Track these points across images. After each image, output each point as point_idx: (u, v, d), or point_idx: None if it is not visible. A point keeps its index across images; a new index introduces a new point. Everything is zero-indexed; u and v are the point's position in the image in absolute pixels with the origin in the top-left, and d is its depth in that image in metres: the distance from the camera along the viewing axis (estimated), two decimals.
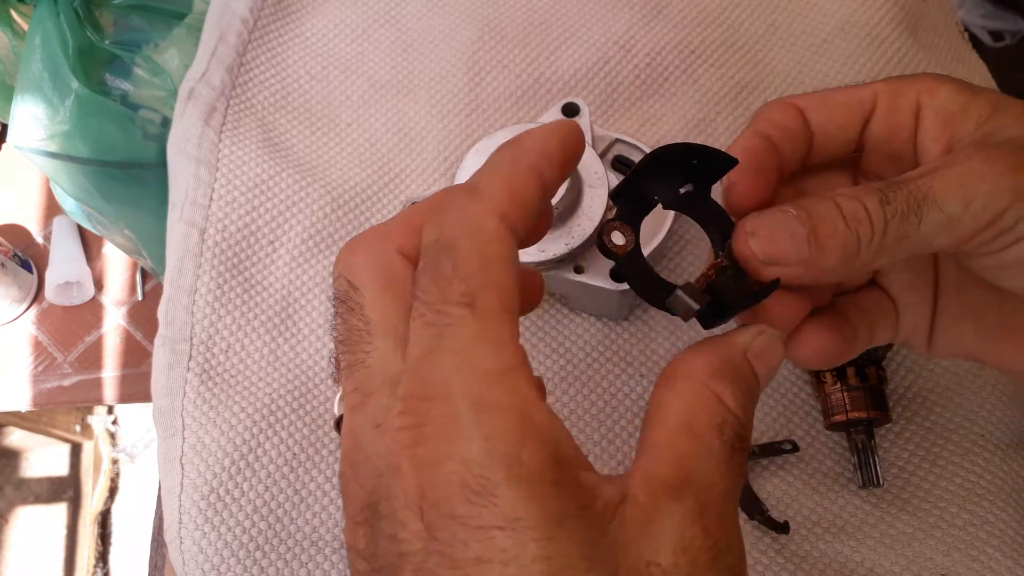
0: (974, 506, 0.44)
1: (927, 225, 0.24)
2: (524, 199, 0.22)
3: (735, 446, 0.22)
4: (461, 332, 0.20)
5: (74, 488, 1.39)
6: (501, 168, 0.22)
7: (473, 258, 0.20)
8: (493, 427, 0.18)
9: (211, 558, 0.43)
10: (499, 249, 0.21)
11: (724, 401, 0.22)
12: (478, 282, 0.20)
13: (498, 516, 0.18)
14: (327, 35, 0.59)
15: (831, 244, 0.24)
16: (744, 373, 0.24)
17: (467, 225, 0.21)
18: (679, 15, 0.59)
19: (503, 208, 0.21)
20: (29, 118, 0.68)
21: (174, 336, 0.48)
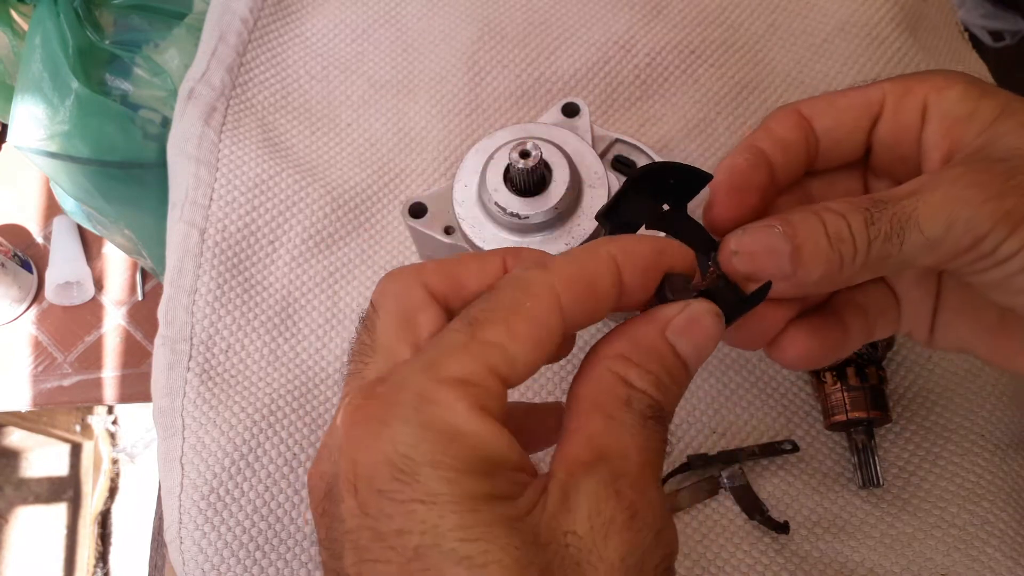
0: (974, 506, 0.44)
1: (909, 246, 0.25)
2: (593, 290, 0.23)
3: (647, 415, 0.22)
4: (447, 340, 0.22)
5: (74, 488, 1.39)
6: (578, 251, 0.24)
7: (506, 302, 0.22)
8: (429, 418, 0.20)
9: (211, 558, 0.43)
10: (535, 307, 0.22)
11: (629, 381, 0.23)
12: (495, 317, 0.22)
13: (419, 492, 0.19)
14: (327, 35, 0.59)
15: (814, 262, 0.25)
16: (656, 351, 0.24)
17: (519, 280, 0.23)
18: (679, 15, 0.59)
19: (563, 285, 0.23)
20: (29, 118, 0.68)
21: (174, 336, 0.48)
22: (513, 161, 0.42)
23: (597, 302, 0.23)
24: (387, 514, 0.19)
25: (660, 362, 0.24)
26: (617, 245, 0.24)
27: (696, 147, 0.55)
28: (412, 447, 0.20)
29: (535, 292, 0.22)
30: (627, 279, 0.24)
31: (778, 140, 0.29)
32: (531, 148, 0.42)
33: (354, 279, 0.51)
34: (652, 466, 0.22)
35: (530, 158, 0.41)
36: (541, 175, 0.43)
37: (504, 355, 0.22)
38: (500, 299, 0.22)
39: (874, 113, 0.29)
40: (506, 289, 0.23)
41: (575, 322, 0.23)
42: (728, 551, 0.44)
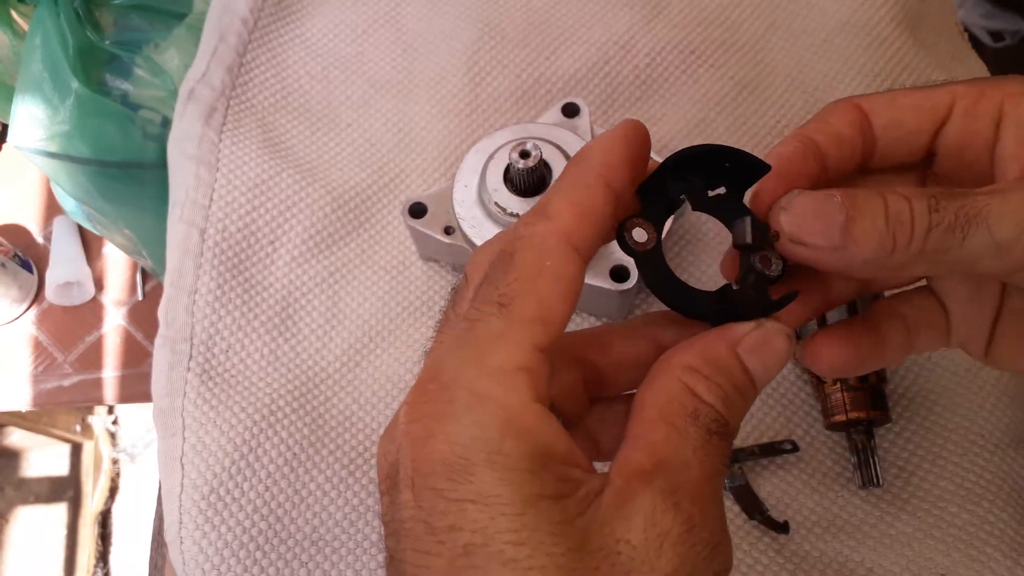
0: (974, 506, 0.44)
1: (972, 244, 0.23)
2: (593, 214, 0.23)
3: (712, 431, 0.22)
4: (485, 329, 0.22)
5: (74, 488, 1.39)
6: (565, 188, 0.23)
7: (524, 267, 0.22)
8: (482, 415, 0.20)
9: (211, 558, 0.43)
10: (555, 264, 0.22)
11: (697, 394, 0.23)
12: (520, 288, 0.22)
13: (472, 492, 0.20)
14: (327, 35, 0.59)
15: (866, 239, 0.23)
16: (726, 367, 0.24)
17: (529, 240, 0.23)
18: (679, 15, 0.59)
19: (569, 227, 0.23)
20: (29, 118, 0.68)
21: (174, 336, 0.48)
22: (513, 161, 0.42)
23: (602, 226, 0.23)
24: (440, 511, 0.20)
25: (729, 378, 0.23)
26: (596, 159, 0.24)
27: None
28: (466, 447, 0.20)
29: (550, 247, 0.22)
30: (619, 186, 0.24)
31: (833, 132, 0.27)
32: (531, 148, 0.42)
33: (354, 279, 0.51)
34: (713, 481, 0.22)
35: (530, 158, 0.41)
36: (541, 175, 0.43)
37: (544, 328, 0.22)
38: (521, 268, 0.22)
39: (940, 116, 0.27)
40: (523, 253, 0.22)
41: (591, 254, 0.23)
42: None
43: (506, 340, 0.21)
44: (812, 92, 0.56)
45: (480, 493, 0.20)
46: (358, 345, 0.49)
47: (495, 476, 0.20)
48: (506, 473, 0.20)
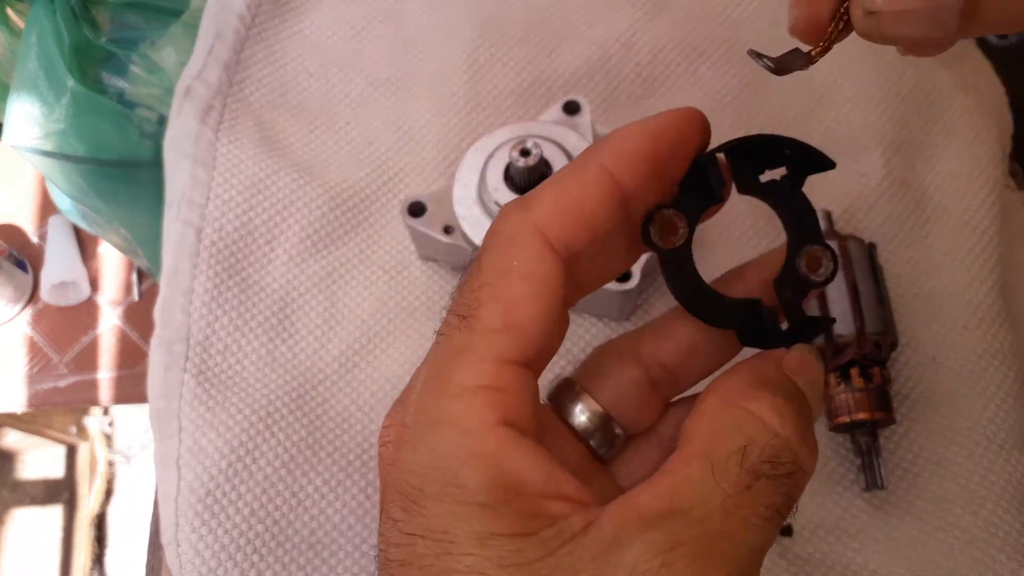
0: (979, 508, 0.43)
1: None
2: (579, 207, 0.20)
3: (761, 473, 0.18)
4: (448, 344, 0.20)
5: (70, 490, 1.39)
6: (557, 176, 0.21)
7: (489, 270, 0.20)
8: (438, 442, 0.19)
9: (208, 561, 0.42)
10: (523, 263, 0.19)
11: (761, 416, 0.19)
12: (484, 295, 0.19)
13: (422, 526, 0.18)
14: (325, 32, 0.59)
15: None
16: (780, 380, 0.21)
17: (497, 237, 0.20)
18: (681, 12, 0.59)
19: (545, 220, 0.20)
20: (25, 116, 0.67)
21: (170, 337, 0.47)
22: (513, 160, 0.41)
23: (593, 223, 0.20)
24: (395, 543, 0.19)
25: (787, 395, 0.20)
26: (605, 149, 0.20)
27: None
28: (422, 476, 0.18)
29: (519, 243, 0.20)
30: (628, 181, 0.20)
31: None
32: (531, 147, 0.41)
33: (352, 279, 0.51)
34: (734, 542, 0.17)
35: (530, 157, 0.41)
36: (541, 174, 0.43)
37: (511, 336, 0.19)
38: (487, 271, 0.20)
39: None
40: (489, 252, 0.20)
41: (575, 252, 0.20)
42: None
43: (466, 356, 0.19)
44: (814, 90, 0.56)
45: (429, 528, 0.18)
46: (356, 346, 0.49)
47: (445, 510, 0.18)
48: (457, 507, 0.18)
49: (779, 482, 0.18)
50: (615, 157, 0.20)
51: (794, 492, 0.19)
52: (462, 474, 0.18)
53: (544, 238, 0.20)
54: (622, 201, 0.21)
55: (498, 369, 0.19)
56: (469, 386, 0.19)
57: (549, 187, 0.21)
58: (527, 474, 0.18)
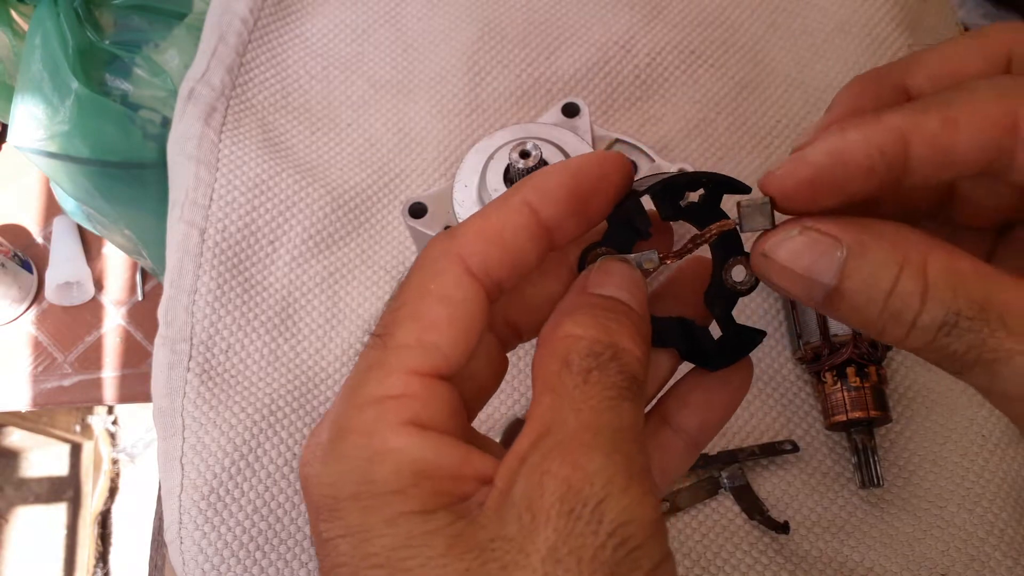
0: (974, 506, 0.44)
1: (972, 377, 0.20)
2: (500, 237, 0.21)
3: (588, 367, 0.19)
4: (362, 361, 0.21)
5: (74, 488, 1.39)
6: (485, 209, 0.22)
7: (409, 292, 0.21)
8: (347, 449, 0.19)
9: (211, 558, 0.43)
10: (440, 287, 0.20)
11: (567, 332, 0.20)
12: (402, 315, 0.21)
13: (342, 527, 0.19)
14: (327, 35, 0.59)
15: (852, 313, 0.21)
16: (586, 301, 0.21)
17: (423, 262, 0.21)
18: (679, 15, 0.59)
19: (466, 248, 0.21)
20: (29, 118, 0.68)
21: (174, 336, 0.48)
22: (513, 161, 0.42)
23: (513, 251, 0.21)
24: (322, 555, 0.19)
25: (593, 306, 0.21)
26: (528, 184, 0.22)
27: (696, 147, 0.55)
28: (334, 485, 0.19)
29: (438, 268, 0.21)
30: (548, 214, 0.21)
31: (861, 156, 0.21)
32: (531, 148, 0.42)
33: (354, 279, 0.51)
34: (594, 427, 0.18)
35: (530, 158, 0.41)
36: None
37: (423, 352, 0.20)
38: (406, 293, 0.21)
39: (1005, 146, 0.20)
40: (411, 278, 0.21)
41: (496, 278, 0.21)
42: (728, 551, 0.44)
43: (377, 370, 0.20)
44: (812, 92, 0.56)
45: (348, 527, 0.19)
46: (358, 345, 0.49)
47: (359, 506, 0.19)
48: (371, 500, 0.19)
49: (607, 367, 0.19)
50: (536, 191, 0.21)
51: (626, 366, 0.20)
52: (370, 470, 0.19)
53: (464, 264, 0.21)
54: (542, 232, 0.22)
55: (406, 379, 0.20)
56: (376, 396, 0.20)
57: (474, 218, 0.22)
58: (439, 460, 0.19)
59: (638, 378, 0.20)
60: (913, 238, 0.20)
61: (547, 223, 0.21)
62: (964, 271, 0.19)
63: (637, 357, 0.20)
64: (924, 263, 0.19)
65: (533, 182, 0.22)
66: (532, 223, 0.21)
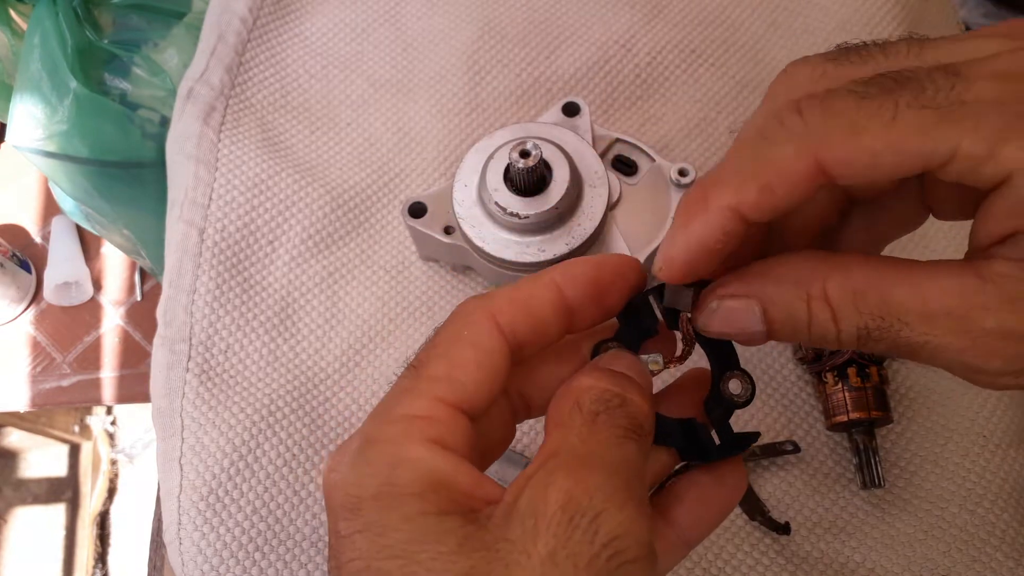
0: (975, 507, 0.44)
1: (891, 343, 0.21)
2: (528, 304, 0.24)
3: (596, 412, 0.22)
4: (396, 387, 0.23)
5: (73, 489, 1.39)
6: (519, 282, 0.25)
7: (443, 334, 0.24)
8: (373, 455, 0.22)
9: (210, 559, 0.42)
10: (472, 334, 0.23)
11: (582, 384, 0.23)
12: (435, 352, 0.23)
13: (360, 523, 0.21)
14: (327, 34, 0.59)
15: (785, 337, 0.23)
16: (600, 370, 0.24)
17: (456, 313, 0.24)
18: (680, 14, 0.59)
19: (498, 308, 0.24)
20: (28, 118, 0.68)
21: (173, 336, 0.47)
22: (513, 161, 0.41)
23: (538, 319, 0.24)
24: (338, 551, 0.21)
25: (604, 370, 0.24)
26: (558, 268, 0.25)
27: (696, 147, 0.54)
28: (358, 486, 0.21)
29: (473, 320, 0.24)
30: (572, 295, 0.24)
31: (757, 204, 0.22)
32: (531, 148, 0.41)
33: (353, 279, 0.51)
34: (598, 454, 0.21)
35: (530, 158, 0.41)
36: (541, 175, 0.43)
37: (451, 385, 0.22)
38: (441, 336, 0.24)
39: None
40: (447, 325, 0.24)
41: (521, 339, 0.24)
42: (729, 552, 0.44)
43: (408, 393, 0.23)
44: None
45: (367, 523, 0.20)
46: (357, 345, 0.49)
47: (380, 505, 0.21)
48: (391, 500, 0.20)
49: (615, 411, 0.22)
50: (564, 274, 0.25)
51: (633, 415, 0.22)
52: (394, 474, 0.21)
53: (495, 320, 0.24)
54: (565, 309, 0.25)
55: (434, 404, 0.22)
56: (405, 415, 0.22)
57: (507, 287, 0.25)
58: (456, 475, 0.21)
59: (644, 426, 0.22)
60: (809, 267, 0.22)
61: (569, 302, 0.25)
62: (859, 288, 0.21)
63: (644, 410, 0.23)
64: (824, 291, 0.21)
65: (562, 267, 0.25)
66: (557, 299, 0.24)
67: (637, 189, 0.48)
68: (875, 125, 0.19)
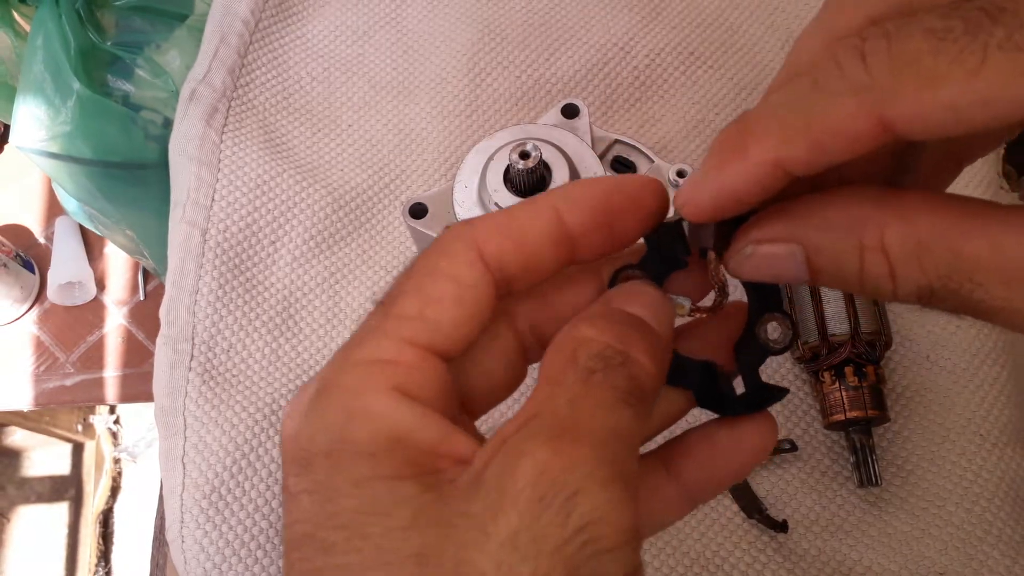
0: (972, 505, 0.44)
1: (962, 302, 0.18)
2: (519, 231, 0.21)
3: (593, 368, 0.19)
4: (363, 324, 0.21)
5: (76, 487, 1.39)
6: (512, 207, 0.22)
7: (417, 267, 0.21)
8: (327, 405, 0.19)
9: (212, 557, 0.43)
10: (450, 265, 0.20)
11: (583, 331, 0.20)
12: (407, 287, 0.20)
13: (309, 482, 0.19)
14: (328, 37, 0.59)
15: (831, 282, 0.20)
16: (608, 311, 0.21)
17: (437, 243, 0.21)
18: (678, 17, 0.59)
19: (484, 235, 0.21)
20: (31, 119, 0.68)
21: (176, 336, 0.48)
22: (513, 162, 0.42)
23: (531, 250, 0.21)
24: (288, 508, 0.19)
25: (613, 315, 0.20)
26: (560, 190, 0.22)
27: (695, 148, 0.55)
28: (310, 438, 0.19)
29: (453, 249, 0.21)
30: (574, 223, 0.21)
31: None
32: (531, 149, 0.42)
33: (355, 279, 0.52)
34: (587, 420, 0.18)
35: (530, 159, 0.42)
36: (541, 176, 0.43)
37: (423, 324, 0.20)
38: (415, 268, 0.21)
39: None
40: (424, 255, 0.21)
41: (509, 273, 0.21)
42: (727, 549, 0.44)
43: (373, 334, 0.20)
44: None
45: (316, 482, 0.18)
46: None
47: (329, 464, 0.18)
48: (342, 459, 0.18)
49: (615, 371, 0.19)
50: (566, 199, 0.21)
51: (634, 375, 0.19)
52: (348, 429, 0.19)
53: (479, 250, 0.20)
54: (565, 239, 0.21)
55: (400, 347, 0.19)
56: (367, 358, 0.19)
57: (498, 212, 0.21)
58: (418, 432, 0.19)
59: (646, 391, 0.19)
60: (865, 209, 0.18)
61: (572, 231, 0.21)
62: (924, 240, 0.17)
63: (649, 372, 0.19)
64: (882, 241, 0.18)
65: (564, 190, 0.21)
66: (555, 228, 0.21)
67: None
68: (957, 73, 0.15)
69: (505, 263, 0.21)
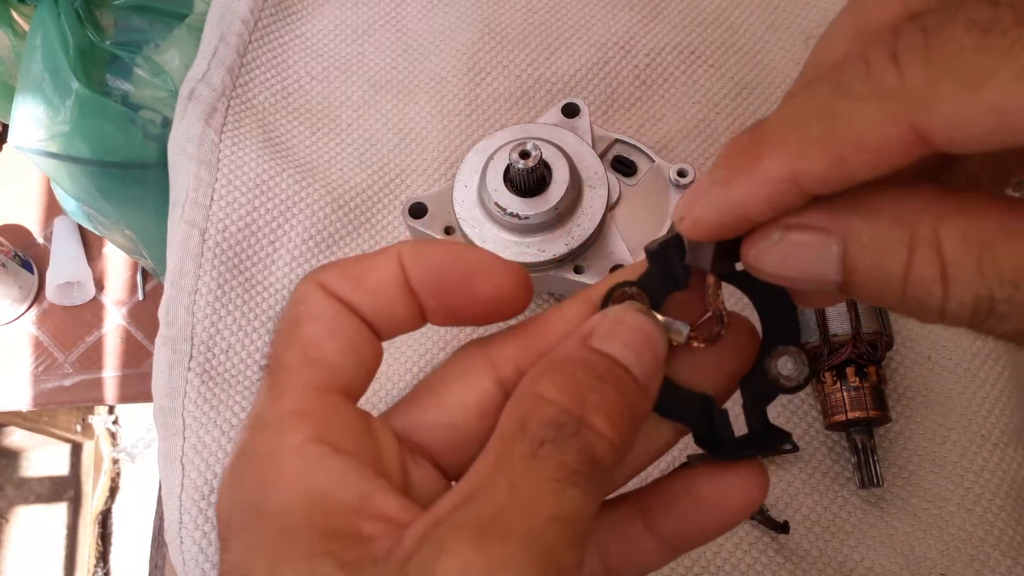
0: (973, 505, 0.44)
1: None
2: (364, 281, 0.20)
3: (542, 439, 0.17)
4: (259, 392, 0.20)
5: (75, 488, 1.39)
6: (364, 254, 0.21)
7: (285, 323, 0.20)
8: (243, 473, 0.18)
9: (211, 557, 0.43)
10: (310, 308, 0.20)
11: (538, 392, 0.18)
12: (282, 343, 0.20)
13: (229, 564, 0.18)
14: (327, 36, 0.59)
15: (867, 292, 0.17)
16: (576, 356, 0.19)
17: (290, 298, 0.21)
18: (679, 16, 0.59)
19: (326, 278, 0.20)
20: (30, 118, 0.68)
21: (175, 336, 0.48)
22: (513, 161, 0.42)
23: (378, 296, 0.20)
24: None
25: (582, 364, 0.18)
26: (409, 243, 0.21)
27: (695, 147, 0.55)
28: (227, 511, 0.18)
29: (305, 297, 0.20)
30: (413, 277, 0.20)
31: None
32: (531, 148, 0.42)
33: None
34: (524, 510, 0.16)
35: (530, 158, 0.41)
36: (541, 175, 0.43)
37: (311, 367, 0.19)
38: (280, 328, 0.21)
39: None
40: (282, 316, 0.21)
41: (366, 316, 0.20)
42: (728, 550, 0.44)
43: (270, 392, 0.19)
44: None
45: (234, 563, 0.18)
46: None
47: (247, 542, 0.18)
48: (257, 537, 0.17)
49: (565, 442, 0.17)
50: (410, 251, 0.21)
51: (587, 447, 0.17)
52: (262, 501, 0.18)
53: (327, 289, 0.20)
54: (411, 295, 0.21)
55: (302, 394, 0.19)
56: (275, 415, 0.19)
57: (348, 258, 0.21)
58: (337, 491, 0.18)
59: (600, 463, 0.17)
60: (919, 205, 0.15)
61: (413, 286, 0.21)
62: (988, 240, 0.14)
63: (608, 440, 0.17)
64: (937, 238, 0.15)
65: (414, 242, 0.21)
66: (400, 276, 0.20)
67: (636, 189, 0.48)
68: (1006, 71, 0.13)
69: (355, 304, 0.20)
